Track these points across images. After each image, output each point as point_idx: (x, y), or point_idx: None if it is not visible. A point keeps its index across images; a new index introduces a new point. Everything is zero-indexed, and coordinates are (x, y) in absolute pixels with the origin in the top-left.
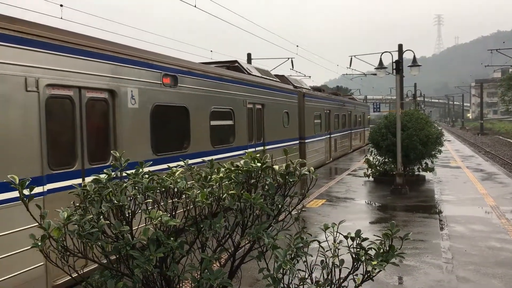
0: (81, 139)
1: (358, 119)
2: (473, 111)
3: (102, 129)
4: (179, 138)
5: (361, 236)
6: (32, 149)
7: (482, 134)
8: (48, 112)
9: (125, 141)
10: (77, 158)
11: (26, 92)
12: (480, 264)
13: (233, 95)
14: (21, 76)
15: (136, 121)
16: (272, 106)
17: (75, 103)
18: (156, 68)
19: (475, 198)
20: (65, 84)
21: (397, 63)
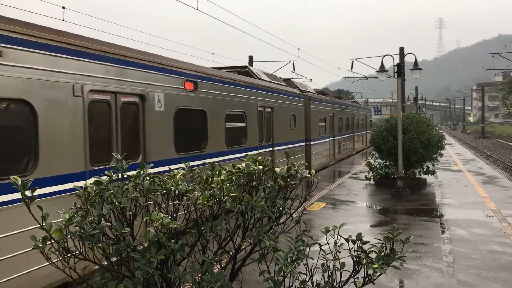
0: (116, 139)
1: (360, 122)
2: (475, 115)
3: (133, 130)
4: (198, 139)
5: (362, 239)
6: (78, 147)
7: (483, 137)
8: (90, 115)
9: (153, 141)
10: (113, 156)
11: (73, 97)
12: (481, 268)
13: (245, 99)
14: (70, 83)
15: (162, 123)
16: (281, 109)
17: (112, 107)
18: (178, 75)
19: (476, 201)
20: (103, 89)
21: (398, 66)
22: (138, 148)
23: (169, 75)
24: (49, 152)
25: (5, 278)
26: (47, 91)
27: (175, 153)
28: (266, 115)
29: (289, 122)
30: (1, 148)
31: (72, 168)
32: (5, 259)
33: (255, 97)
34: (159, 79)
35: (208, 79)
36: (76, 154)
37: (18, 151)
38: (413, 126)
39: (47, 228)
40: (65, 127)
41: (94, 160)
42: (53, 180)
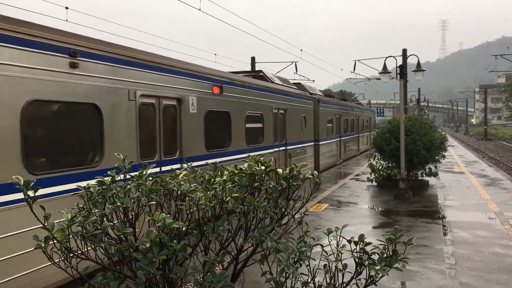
0: (159, 137)
1: (365, 124)
2: (477, 117)
3: (172, 129)
4: (223, 137)
5: (364, 240)
6: (132, 143)
7: (486, 139)
8: (140, 116)
9: (187, 139)
10: (157, 152)
11: (128, 101)
12: (484, 270)
13: (262, 101)
14: (126, 89)
15: (194, 124)
16: (293, 111)
17: (156, 109)
18: (208, 80)
19: (479, 203)
20: (150, 94)
21: (401, 68)
22: (175, 145)
23: (200, 81)
24: (112, 147)
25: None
26: (110, 96)
27: (205, 150)
28: (280, 117)
29: (300, 123)
30: (77, 144)
31: (130, 159)
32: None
33: (270, 99)
34: (193, 84)
35: (232, 83)
36: (131, 149)
37: (89, 147)
38: (416, 127)
39: (49, 228)
40: (123, 126)
41: (142, 154)
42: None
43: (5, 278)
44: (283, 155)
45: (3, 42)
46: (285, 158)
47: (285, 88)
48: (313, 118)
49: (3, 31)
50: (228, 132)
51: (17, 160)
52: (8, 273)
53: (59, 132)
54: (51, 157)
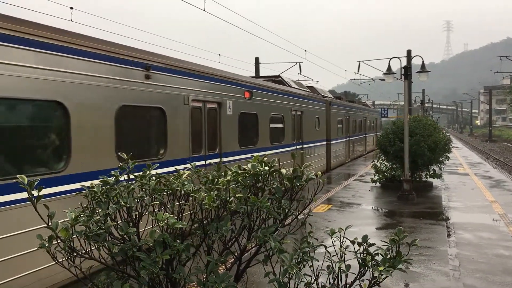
0: (204, 135)
1: (371, 124)
2: (482, 118)
3: (214, 129)
4: (252, 136)
5: (368, 241)
6: (187, 140)
7: (490, 141)
8: (191, 117)
9: (225, 138)
10: (203, 148)
11: (184, 105)
12: (488, 272)
13: (283, 104)
14: (182, 95)
15: (230, 124)
16: (308, 112)
17: (202, 112)
18: (241, 86)
19: (483, 205)
20: (198, 99)
21: (405, 69)
22: (216, 142)
23: (235, 87)
24: (172, 143)
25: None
26: (171, 101)
27: (238, 147)
28: (297, 118)
29: (314, 123)
30: (151, 139)
31: (183, 154)
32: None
33: (290, 102)
34: (229, 90)
35: (259, 89)
36: (186, 145)
37: (157, 142)
38: (420, 129)
39: (53, 227)
40: (180, 126)
41: (193, 150)
42: (174, 162)
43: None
44: (300, 153)
45: (105, 60)
46: (302, 155)
47: (301, 92)
48: (325, 119)
49: (106, 52)
50: (256, 132)
51: (112, 150)
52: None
53: (139, 129)
54: (134, 148)
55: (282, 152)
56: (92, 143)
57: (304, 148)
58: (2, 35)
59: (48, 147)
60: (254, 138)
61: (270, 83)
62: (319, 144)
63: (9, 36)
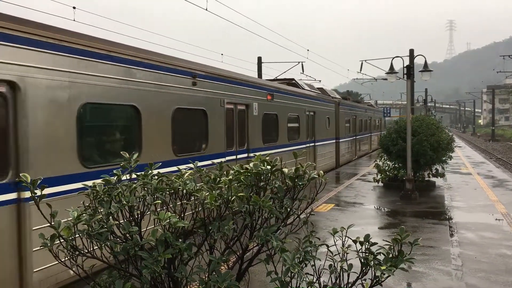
0: (236, 133)
1: (376, 124)
2: (485, 117)
3: (243, 128)
4: (273, 134)
5: (370, 241)
6: (222, 137)
7: (493, 140)
8: (225, 118)
9: (252, 135)
10: (234, 144)
11: (220, 107)
12: (490, 271)
13: (299, 105)
14: (219, 99)
15: (256, 123)
16: (320, 113)
17: (234, 113)
18: (264, 90)
19: (486, 204)
20: (231, 102)
21: (408, 68)
22: (244, 139)
23: (260, 91)
24: (212, 140)
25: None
26: (211, 104)
27: (262, 143)
28: (310, 118)
29: (325, 123)
30: (197, 136)
31: (220, 150)
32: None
33: (304, 103)
34: (255, 93)
35: (279, 91)
36: (221, 142)
37: (201, 139)
38: (423, 128)
39: (55, 226)
40: (217, 125)
41: (227, 146)
42: (213, 156)
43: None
44: (313, 150)
45: (167, 72)
46: (314, 152)
47: (313, 94)
48: (335, 119)
49: (166, 64)
50: (276, 130)
51: (169, 145)
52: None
53: (188, 128)
54: (185, 144)
55: (297, 149)
56: (156, 139)
57: (316, 145)
58: (130, 61)
59: (129, 141)
60: (274, 136)
61: (287, 86)
62: (329, 142)
63: (129, 60)
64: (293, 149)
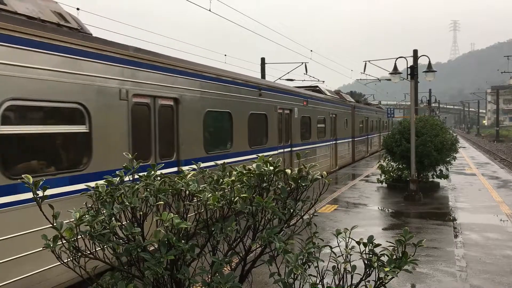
0: (283, 132)
1: (385, 124)
2: (489, 118)
3: (288, 127)
4: (307, 133)
5: (374, 242)
6: (276, 135)
7: (497, 141)
8: (278, 120)
9: (294, 134)
10: (283, 140)
11: (274, 111)
12: (495, 273)
13: (325, 109)
14: (273, 105)
15: (296, 124)
16: (340, 115)
17: (282, 115)
18: (301, 97)
19: (490, 205)
20: (281, 107)
21: (412, 69)
22: (289, 137)
23: (299, 98)
24: (270, 136)
25: None
26: (270, 109)
27: (300, 140)
28: (333, 119)
29: (344, 124)
30: (261, 134)
31: (275, 144)
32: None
33: (328, 107)
34: (296, 100)
35: (311, 98)
36: (276, 138)
37: (264, 136)
38: (427, 129)
39: (57, 227)
40: (273, 125)
41: (279, 141)
42: (271, 148)
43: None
44: (334, 147)
45: (246, 87)
46: (336, 148)
47: (335, 99)
48: (351, 120)
49: (245, 81)
50: (309, 130)
51: (246, 140)
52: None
53: (257, 127)
54: (255, 139)
55: (324, 145)
56: (241, 135)
57: (337, 143)
58: (228, 81)
59: (227, 136)
60: (308, 135)
61: (314, 92)
62: (347, 141)
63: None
64: (321, 145)
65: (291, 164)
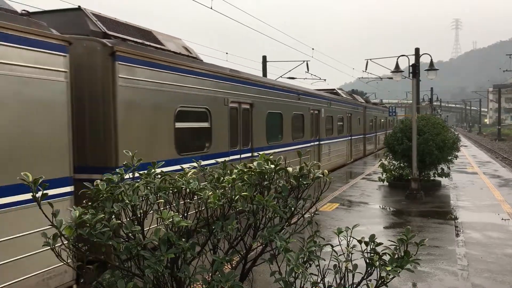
0: (314, 128)
1: (390, 123)
2: (491, 117)
3: (317, 125)
4: (330, 129)
5: (375, 241)
6: (309, 130)
7: (499, 140)
8: (310, 119)
9: (320, 130)
10: (313, 135)
11: (308, 111)
12: (497, 271)
13: (342, 109)
14: (308, 107)
15: (323, 122)
16: (354, 114)
17: (313, 115)
18: (326, 99)
19: (492, 204)
20: (312, 108)
21: (413, 67)
22: (317, 132)
23: (325, 100)
24: (306, 132)
25: None
26: (305, 110)
27: (325, 136)
28: (348, 118)
29: (357, 122)
30: (299, 130)
31: (309, 138)
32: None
33: (346, 108)
34: (323, 102)
35: (333, 100)
36: (309, 133)
37: (301, 131)
38: (428, 127)
39: (57, 225)
40: (308, 123)
41: (311, 135)
42: (307, 141)
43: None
44: (350, 142)
45: (288, 92)
46: (351, 143)
47: (350, 100)
48: (363, 119)
49: (289, 88)
50: (332, 127)
51: (290, 134)
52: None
53: (297, 125)
54: (295, 134)
55: (343, 140)
56: (287, 131)
57: (352, 139)
58: (283, 89)
59: (279, 131)
60: (331, 131)
61: (332, 95)
62: (360, 137)
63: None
64: (341, 140)
65: (319, 154)
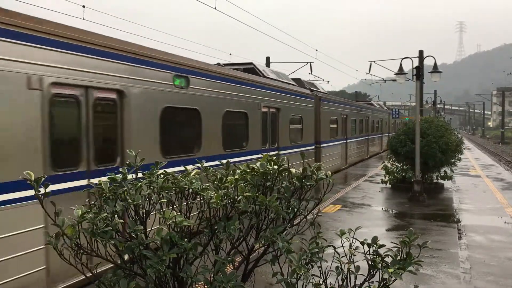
0: (343, 129)
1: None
2: (494, 120)
3: (345, 126)
4: (354, 130)
5: (378, 242)
6: (341, 131)
7: (503, 143)
8: (341, 122)
9: (348, 131)
10: (342, 134)
11: (340, 116)
12: (500, 275)
13: (363, 113)
14: (340, 112)
15: (350, 124)
16: (371, 117)
17: (343, 119)
18: (353, 106)
19: (495, 207)
20: (342, 113)
21: (417, 69)
22: (345, 133)
23: (353, 107)
24: (339, 132)
25: None
26: (337, 116)
27: (350, 135)
28: (366, 120)
29: (372, 123)
30: (332, 131)
31: (339, 137)
32: None
33: (366, 112)
34: (351, 108)
35: (356, 106)
36: (341, 133)
37: (334, 132)
38: (432, 130)
39: (59, 224)
40: (340, 125)
41: (341, 135)
42: (337, 139)
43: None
44: (367, 141)
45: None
46: (368, 142)
47: (367, 106)
48: (379, 122)
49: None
50: (355, 128)
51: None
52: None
53: (331, 126)
54: (328, 134)
55: (363, 139)
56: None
57: (369, 138)
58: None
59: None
60: (355, 131)
61: (355, 101)
62: (377, 136)
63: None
64: (362, 139)
65: (346, 150)
